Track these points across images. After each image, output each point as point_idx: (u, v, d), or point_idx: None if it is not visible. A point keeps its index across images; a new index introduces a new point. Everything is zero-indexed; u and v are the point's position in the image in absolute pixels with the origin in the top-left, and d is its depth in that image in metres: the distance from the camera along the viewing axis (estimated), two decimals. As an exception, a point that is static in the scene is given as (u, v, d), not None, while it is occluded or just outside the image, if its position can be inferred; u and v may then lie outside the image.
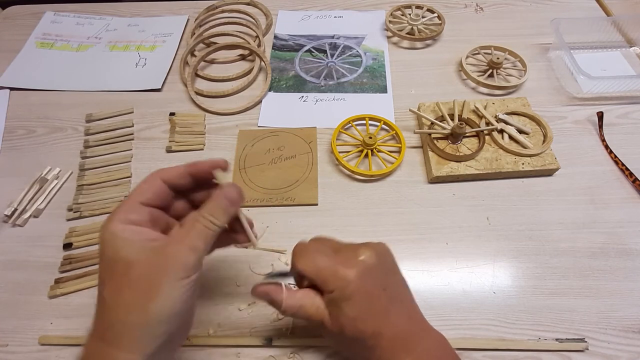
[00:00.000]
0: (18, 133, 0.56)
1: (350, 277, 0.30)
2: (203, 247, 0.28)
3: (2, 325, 0.41)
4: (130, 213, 0.28)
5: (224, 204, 0.29)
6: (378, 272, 0.31)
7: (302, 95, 0.60)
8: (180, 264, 0.27)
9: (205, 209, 0.29)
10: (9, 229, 0.47)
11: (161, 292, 0.26)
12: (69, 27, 0.70)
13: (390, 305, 0.31)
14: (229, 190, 0.30)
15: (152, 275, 0.26)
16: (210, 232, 0.28)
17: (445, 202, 0.49)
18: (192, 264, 0.27)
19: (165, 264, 0.26)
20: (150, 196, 0.30)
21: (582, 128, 0.55)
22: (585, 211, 0.48)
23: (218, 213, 0.29)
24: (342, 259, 0.31)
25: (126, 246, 0.27)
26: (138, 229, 0.28)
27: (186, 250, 0.27)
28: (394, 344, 0.30)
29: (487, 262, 0.44)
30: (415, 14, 0.68)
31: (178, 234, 0.28)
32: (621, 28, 0.64)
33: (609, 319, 0.40)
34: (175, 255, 0.27)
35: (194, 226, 0.28)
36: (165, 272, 0.26)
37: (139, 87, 0.61)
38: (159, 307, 0.26)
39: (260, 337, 0.39)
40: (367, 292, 0.30)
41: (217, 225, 0.28)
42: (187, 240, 0.28)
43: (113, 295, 0.27)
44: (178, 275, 0.26)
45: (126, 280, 0.26)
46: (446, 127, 0.51)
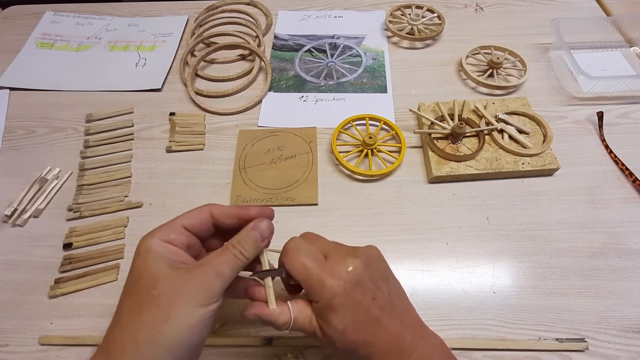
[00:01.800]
0: (18, 133, 0.56)
1: (337, 290, 0.29)
2: (228, 275, 0.28)
3: (2, 325, 0.41)
4: (171, 232, 0.29)
5: (253, 237, 0.29)
6: (367, 282, 0.30)
7: (302, 95, 0.60)
8: (203, 289, 0.26)
9: (235, 239, 0.29)
10: (9, 229, 0.47)
11: (177, 315, 0.25)
12: (69, 27, 0.70)
13: (381, 314, 0.30)
14: (262, 224, 0.30)
15: (174, 295, 0.26)
16: (237, 261, 0.28)
17: (445, 202, 0.49)
18: (215, 291, 0.27)
19: (189, 286, 0.26)
20: (194, 223, 0.30)
21: (582, 128, 0.55)
22: (585, 211, 0.48)
23: (247, 244, 0.29)
24: (329, 268, 0.30)
25: (157, 261, 0.27)
26: (173, 249, 0.28)
27: (212, 275, 0.27)
28: (387, 351, 0.30)
29: (487, 262, 0.44)
30: (415, 14, 0.68)
31: (207, 259, 0.28)
32: (621, 28, 0.64)
33: (609, 319, 0.40)
34: (199, 279, 0.27)
35: (222, 253, 0.28)
36: (188, 294, 0.26)
37: (139, 87, 0.61)
38: (171, 331, 0.25)
39: (260, 337, 0.39)
40: (355, 303, 0.29)
41: (245, 257, 0.28)
42: (214, 266, 0.27)
43: (131, 310, 0.27)
44: (199, 300, 0.26)
45: (147, 296, 0.26)
46: (446, 127, 0.51)
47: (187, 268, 0.27)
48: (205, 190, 0.50)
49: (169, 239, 0.29)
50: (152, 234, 0.29)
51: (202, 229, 0.31)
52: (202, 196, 0.49)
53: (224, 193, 0.50)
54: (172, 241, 0.29)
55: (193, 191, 0.50)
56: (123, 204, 0.49)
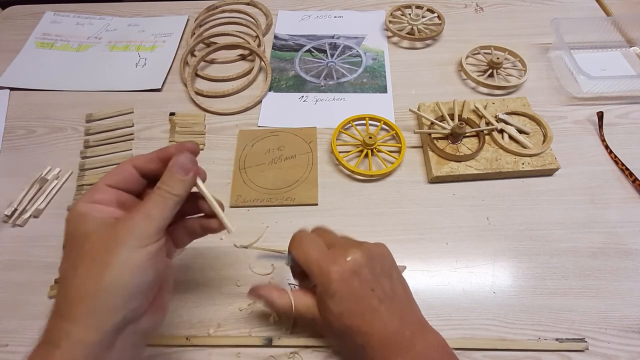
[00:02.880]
0: (18, 133, 0.56)
1: (333, 276, 0.31)
2: (159, 215, 0.28)
3: (2, 325, 0.41)
4: (96, 193, 0.29)
5: (176, 173, 0.29)
6: (366, 273, 0.32)
7: (302, 95, 0.60)
8: (135, 231, 0.27)
9: (160, 181, 0.29)
10: (9, 229, 0.47)
11: (115, 261, 0.26)
12: (69, 27, 0.70)
13: (378, 306, 0.31)
14: (180, 158, 0.29)
15: (106, 246, 0.26)
16: (165, 200, 0.28)
17: (445, 202, 0.49)
18: (147, 232, 0.27)
19: (119, 233, 0.26)
20: (118, 179, 0.30)
21: (582, 128, 0.55)
22: (585, 211, 0.47)
23: (172, 182, 0.29)
24: (330, 256, 0.32)
25: (86, 221, 0.27)
26: (102, 207, 0.28)
27: (140, 218, 0.27)
28: (384, 344, 0.30)
29: (487, 262, 0.44)
30: (415, 14, 0.68)
31: (136, 207, 0.28)
32: (621, 28, 0.64)
33: (609, 319, 0.40)
34: (128, 223, 0.27)
35: (149, 196, 0.28)
36: (119, 240, 0.26)
37: (139, 87, 0.61)
38: (113, 277, 0.25)
39: (260, 337, 0.39)
40: (351, 291, 0.31)
41: (173, 194, 0.28)
42: (141, 209, 0.28)
43: (69, 269, 0.27)
44: (133, 243, 0.26)
45: (82, 253, 0.26)
46: (446, 127, 0.51)
47: (118, 220, 0.27)
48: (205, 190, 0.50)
49: (95, 200, 0.28)
50: (79, 200, 0.28)
51: (129, 182, 0.30)
52: (202, 196, 0.49)
53: (224, 193, 0.49)
54: (98, 201, 0.28)
55: (193, 191, 0.50)
56: (123, 204, 0.49)
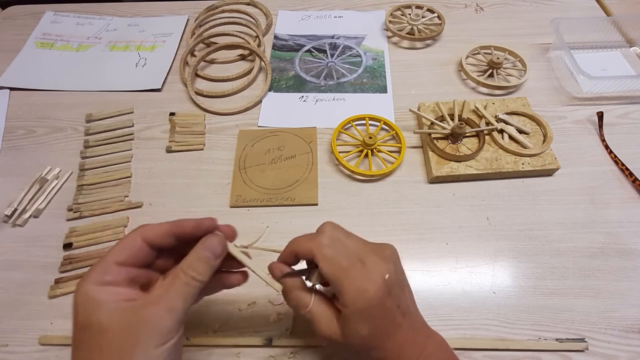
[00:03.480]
0: (18, 133, 0.56)
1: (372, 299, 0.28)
2: (182, 307, 0.26)
3: (2, 325, 0.41)
4: (105, 274, 0.26)
5: (205, 258, 0.27)
6: (396, 289, 0.29)
7: (302, 95, 0.60)
8: (156, 329, 0.25)
9: (185, 263, 0.27)
10: (9, 229, 0.47)
11: None
12: (69, 27, 0.70)
13: (402, 320, 0.30)
14: (212, 241, 0.28)
15: (125, 343, 0.24)
16: (191, 288, 0.26)
17: (445, 202, 0.49)
18: (169, 328, 0.25)
19: (139, 330, 0.24)
20: (126, 256, 0.27)
21: (582, 128, 0.55)
22: (585, 211, 0.47)
23: (199, 267, 0.27)
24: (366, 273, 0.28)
25: (99, 309, 0.25)
26: (113, 290, 0.26)
27: (163, 312, 0.25)
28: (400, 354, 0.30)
29: (487, 262, 0.44)
30: (415, 14, 0.68)
31: (156, 293, 0.26)
32: (621, 28, 0.64)
33: (609, 319, 0.40)
34: (150, 319, 0.25)
35: (173, 283, 0.26)
36: (139, 339, 0.24)
37: (139, 87, 0.61)
38: None
39: (260, 337, 0.39)
40: (384, 311, 0.29)
41: (198, 281, 0.26)
42: (164, 300, 0.25)
43: None
44: (153, 342, 0.24)
45: (98, 349, 0.24)
46: (446, 127, 0.51)
47: (135, 308, 0.25)
48: (205, 190, 0.50)
49: (105, 281, 0.26)
50: (86, 279, 0.26)
51: (139, 258, 0.28)
52: (202, 196, 0.49)
53: (224, 193, 0.49)
54: (109, 283, 0.26)
55: (193, 191, 0.50)
56: (123, 204, 0.49)
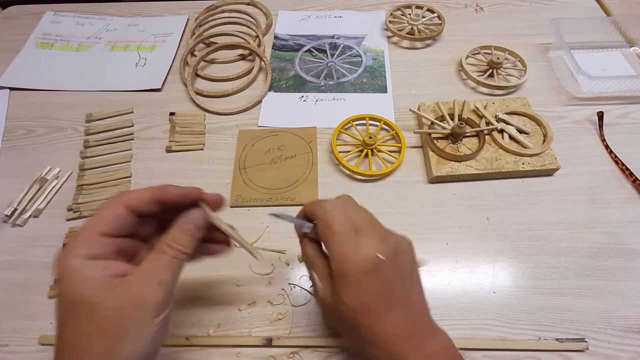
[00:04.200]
0: (18, 133, 0.56)
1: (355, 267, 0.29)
2: (172, 280, 0.26)
3: (2, 325, 0.41)
4: (92, 247, 0.26)
5: (189, 231, 0.28)
6: (387, 272, 0.29)
7: (302, 95, 0.60)
8: (149, 302, 0.25)
9: (170, 237, 0.27)
10: (9, 229, 0.47)
11: (131, 335, 0.25)
12: (69, 27, 0.70)
13: (395, 306, 0.29)
14: (194, 215, 0.28)
15: (120, 318, 0.25)
16: (178, 261, 0.27)
17: (445, 202, 0.49)
18: (161, 301, 0.26)
19: (132, 305, 0.25)
20: (111, 226, 0.27)
21: (582, 128, 0.55)
22: (585, 211, 0.47)
23: (185, 240, 0.27)
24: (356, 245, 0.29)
25: (88, 286, 0.25)
26: (102, 264, 0.26)
27: (153, 287, 0.26)
28: (391, 344, 0.29)
29: (487, 262, 0.44)
30: (415, 14, 0.68)
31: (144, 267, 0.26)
32: (621, 28, 0.64)
33: (609, 319, 0.40)
34: (142, 293, 0.25)
35: (159, 257, 0.27)
36: (134, 313, 0.25)
37: (139, 87, 0.61)
38: (130, 351, 0.24)
39: (260, 337, 0.39)
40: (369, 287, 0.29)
41: (185, 253, 0.27)
42: (154, 275, 0.26)
43: (78, 341, 0.25)
44: (147, 315, 0.25)
45: (92, 325, 0.24)
46: (446, 127, 0.51)
47: (126, 284, 0.25)
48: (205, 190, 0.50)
49: (92, 255, 0.26)
50: (71, 253, 0.25)
51: (124, 227, 0.28)
52: (202, 196, 0.49)
53: (224, 193, 0.49)
54: (96, 256, 0.26)
55: (193, 191, 0.50)
56: (123, 204, 0.48)
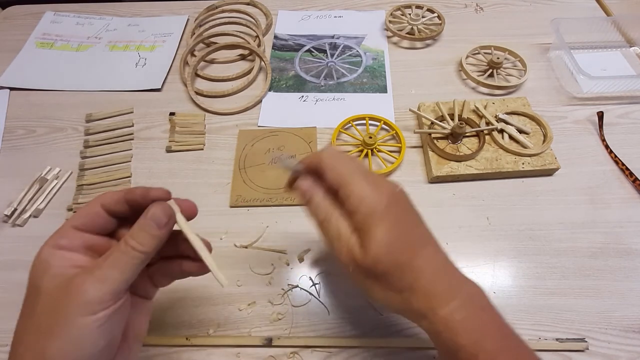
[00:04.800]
0: (18, 133, 0.56)
1: (385, 197, 0.27)
2: (117, 277, 0.24)
3: (2, 325, 0.41)
4: (61, 238, 0.26)
5: (147, 226, 0.26)
6: (410, 207, 0.29)
7: (302, 95, 0.60)
8: (83, 298, 0.23)
9: (128, 234, 0.26)
10: (9, 229, 0.47)
11: (59, 331, 0.23)
12: (69, 27, 0.70)
13: (424, 242, 0.28)
14: (155, 210, 0.26)
15: (53, 309, 0.23)
16: (129, 259, 0.25)
17: (445, 202, 0.49)
18: (99, 299, 0.23)
19: (67, 297, 0.23)
20: (84, 221, 0.27)
21: (582, 128, 0.55)
22: (585, 211, 0.47)
23: (141, 237, 0.25)
24: (375, 180, 0.28)
25: (45, 272, 0.24)
26: (65, 255, 0.25)
27: (93, 282, 0.24)
28: (434, 282, 0.27)
29: (487, 262, 0.44)
30: (415, 14, 0.68)
31: (94, 262, 0.25)
32: (621, 28, 0.64)
33: (609, 319, 0.40)
34: (78, 288, 0.23)
35: (111, 254, 0.25)
36: (66, 307, 0.23)
37: (139, 87, 0.61)
38: (55, 349, 0.23)
39: (260, 337, 0.39)
40: (402, 217, 0.28)
41: (139, 251, 0.25)
42: (98, 270, 0.24)
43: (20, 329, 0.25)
44: (80, 311, 0.23)
45: (31, 315, 0.24)
46: (446, 127, 0.51)
47: (71, 276, 0.24)
48: (205, 190, 0.50)
49: (60, 245, 0.26)
50: (46, 242, 0.26)
51: (97, 224, 0.27)
52: (202, 196, 0.49)
53: (224, 193, 0.49)
54: (63, 247, 0.26)
55: (193, 191, 0.50)
56: (123, 204, 0.48)
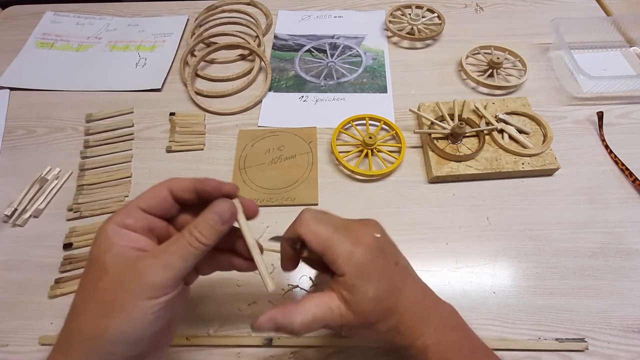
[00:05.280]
0: (18, 133, 0.56)
1: (367, 256, 0.28)
2: (180, 266, 0.25)
3: (2, 325, 0.41)
4: (127, 217, 0.27)
5: (212, 220, 0.27)
6: (389, 247, 0.30)
7: (302, 95, 0.60)
8: (148, 281, 0.24)
9: (193, 223, 0.27)
10: (9, 229, 0.47)
11: (122, 310, 0.24)
12: (69, 27, 0.70)
13: (405, 279, 0.30)
14: (220, 206, 0.27)
15: (118, 289, 0.24)
16: (193, 249, 0.26)
17: (445, 202, 0.49)
18: (162, 283, 0.25)
19: (132, 279, 0.24)
20: (151, 203, 0.28)
21: (582, 128, 0.55)
22: (585, 211, 0.47)
23: (205, 229, 0.26)
24: (354, 236, 0.29)
25: (109, 250, 0.25)
26: (130, 235, 0.26)
27: (158, 266, 0.25)
28: (414, 318, 0.29)
29: (487, 262, 0.44)
30: (415, 14, 0.68)
31: (159, 248, 0.26)
32: (621, 28, 0.64)
33: (609, 319, 0.40)
34: (145, 270, 0.25)
35: (175, 241, 0.26)
36: (131, 288, 0.24)
37: (139, 87, 0.61)
38: (116, 327, 0.24)
39: (260, 337, 0.39)
40: (382, 269, 0.29)
41: (202, 243, 0.26)
42: (163, 255, 0.25)
43: (80, 302, 0.26)
44: (143, 294, 0.24)
45: (94, 290, 0.25)
46: (446, 127, 0.51)
47: (137, 258, 0.25)
48: (205, 190, 0.50)
49: (126, 224, 0.26)
50: (110, 219, 0.27)
51: (163, 208, 0.28)
52: (202, 196, 0.49)
53: (224, 193, 0.49)
54: (128, 226, 0.26)
55: (193, 191, 0.50)
56: (123, 204, 0.48)
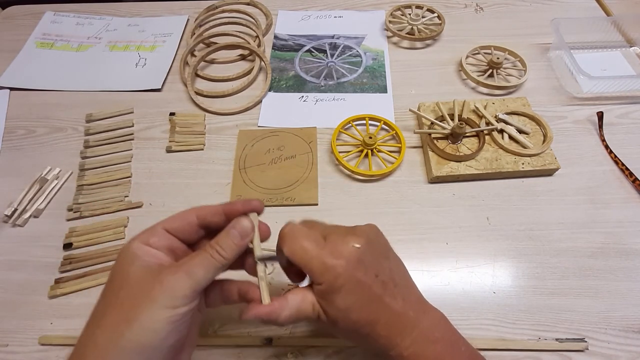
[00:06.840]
0: (18, 133, 0.56)
1: (339, 270, 0.28)
2: (202, 275, 0.27)
3: (2, 325, 0.41)
4: (152, 236, 0.28)
5: (232, 235, 0.28)
6: (369, 259, 0.30)
7: (302, 95, 0.60)
8: (169, 290, 0.25)
9: (215, 238, 0.28)
10: (9, 229, 0.47)
11: (141, 319, 0.24)
12: (69, 27, 0.70)
13: (383, 292, 0.30)
14: (243, 223, 0.29)
15: (138, 296, 0.25)
16: (214, 261, 0.27)
17: (445, 202, 0.49)
18: (183, 293, 0.25)
19: (153, 287, 0.25)
20: (176, 226, 0.29)
21: (582, 128, 0.55)
22: (585, 211, 0.47)
23: (225, 243, 0.28)
24: (330, 248, 0.30)
25: (132, 262, 0.26)
26: (152, 251, 0.28)
27: (179, 276, 0.26)
28: (389, 329, 0.29)
29: (487, 262, 0.44)
30: (415, 14, 0.68)
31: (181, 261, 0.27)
32: (621, 28, 0.64)
33: (609, 319, 0.40)
34: (166, 278, 0.25)
35: (197, 255, 0.27)
36: (152, 296, 0.25)
37: (139, 87, 0.61)
38: (133, 335, 0.24)
39: (260, 337, 0.39)
40: (358, 281, 0.29)
41: (222, 257, 0.28)
42: (186, 265, 0.26)
43: (99, 311, 0.26)
44: (163, 302, 0.25)
45: (115, 298, 0.26)
46: (446, 127, 0.51)
47: (158, 269, 0.26)
48: (205, 190, 0.50)
49: (149, 242, 0.28)
50: (136, 237, 0.28)
51: (187, 231, 0.30)
52: (202, 196, 0.49)
53: (224, 193, 0.49)
54: (151, 244, 0.28)
55: (193, 191, 0.50)
56: (123, 204, 0.49)
